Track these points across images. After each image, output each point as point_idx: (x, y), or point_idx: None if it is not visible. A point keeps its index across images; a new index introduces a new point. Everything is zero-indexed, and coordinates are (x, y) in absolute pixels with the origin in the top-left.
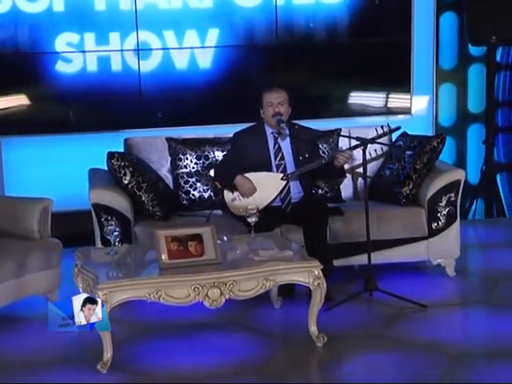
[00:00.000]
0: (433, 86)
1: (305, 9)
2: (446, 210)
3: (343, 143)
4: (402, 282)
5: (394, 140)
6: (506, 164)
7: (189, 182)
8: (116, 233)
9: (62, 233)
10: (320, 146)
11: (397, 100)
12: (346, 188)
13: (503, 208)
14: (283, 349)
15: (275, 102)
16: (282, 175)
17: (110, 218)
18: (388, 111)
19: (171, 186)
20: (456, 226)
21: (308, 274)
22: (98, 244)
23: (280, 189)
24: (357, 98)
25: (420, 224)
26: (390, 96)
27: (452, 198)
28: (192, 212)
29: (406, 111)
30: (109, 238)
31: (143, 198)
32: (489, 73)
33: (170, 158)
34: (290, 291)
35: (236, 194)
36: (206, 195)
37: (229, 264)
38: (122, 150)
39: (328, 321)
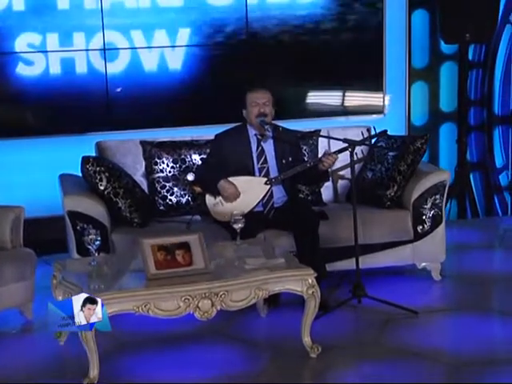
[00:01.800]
0: (405, 84)
1: (276, 7)
2: (431, 212)
3: (323, 144)
4: (387, 288)
5: (374, 141)
6: (479, 163)
7: (165, 186)
8: (98, 242)
9: (27, 241)
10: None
11: (369, 99)
12: (327, 191)
13: (477, 208)
14: (275, 360)
15: (260, 101)
16: (265, 179)
17: (85, 225)
18: (360, 111)
19: (146, 191)
20: (441, 229)
21: (301, 283)
22: (74, 253)
23: (264, 193)
24: (329, 97)
25: (405, 227)
26: (362, 95)
27: (437, 200)
28: (169, 218)
29: (379, 111)
30: (90, 247)
31: (120, 205)
32: (461, 71)
33: (144, 162)
34: (275, 299)
35: (218, 199)
36: (184, 200)
37: (219, 273)
38: (89, 153)
39: (318, 330)
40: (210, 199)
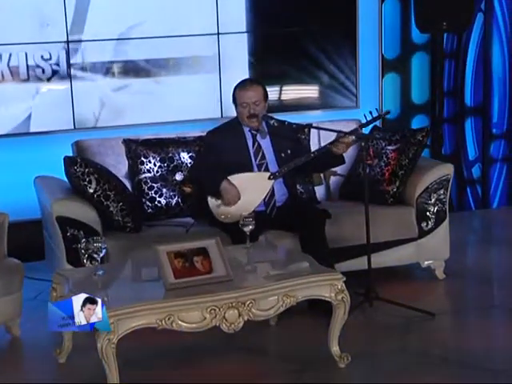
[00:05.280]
0: (379, 77)
1: None
2: (436, 208)
3: (314, 140)
4: (392, 289)
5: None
6: (451, 156)
7: (153, 187)
8: (104, 250)
9: None
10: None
11: (342, 92)
12: (319, 188)
13: (452, 202)
14: (304, 373)
15: (250, 101)
16: (268, 174)
17: (76, 232)
18: (334, 105)
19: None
20: (445, 226)
21: (330, 288)
22: (64, 263)
23: (268, 189)
24: (300, 91)
25: (410, 224)
26: (335, 88)
27: (441, 196)
28: (159, 221)
29: (353, 104)
30: (96, 256)
31: (111, 209)
32: (435, 61)
33: (127, 162)
34: None
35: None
36: (174, 202)
37: (242, 281)
38: (61, 153)
39: None
40: (212, 200)
